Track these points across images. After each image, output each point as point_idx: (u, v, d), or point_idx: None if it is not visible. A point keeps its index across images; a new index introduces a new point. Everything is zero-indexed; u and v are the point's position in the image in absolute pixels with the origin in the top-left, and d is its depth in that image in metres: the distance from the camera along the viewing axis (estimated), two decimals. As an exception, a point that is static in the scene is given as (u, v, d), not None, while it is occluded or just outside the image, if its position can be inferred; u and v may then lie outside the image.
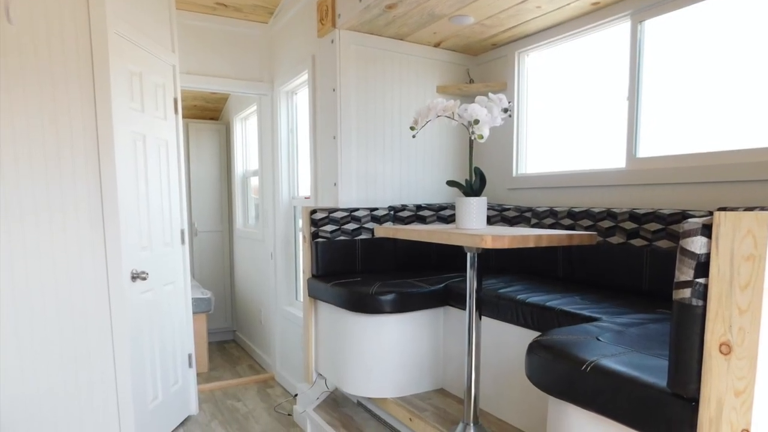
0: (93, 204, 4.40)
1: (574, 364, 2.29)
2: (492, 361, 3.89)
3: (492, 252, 5.01)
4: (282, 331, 6.91)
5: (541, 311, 3.39)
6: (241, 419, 5.84)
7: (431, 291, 4.29)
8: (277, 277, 6.90)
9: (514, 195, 5.23)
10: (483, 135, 3.32)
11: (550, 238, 3.04)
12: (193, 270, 9.09)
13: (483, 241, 2.86)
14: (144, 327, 4.98)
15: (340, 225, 4.91)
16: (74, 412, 4.48)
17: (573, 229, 4.23)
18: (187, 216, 7.41)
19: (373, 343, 4.27)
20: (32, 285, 4.25)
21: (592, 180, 4.39)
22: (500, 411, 3.87)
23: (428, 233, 3.31)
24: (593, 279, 4.08)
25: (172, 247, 5.53)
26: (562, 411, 2.40)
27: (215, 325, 9.29)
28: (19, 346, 4.25)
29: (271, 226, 6.95)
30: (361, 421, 4.50)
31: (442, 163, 5.57)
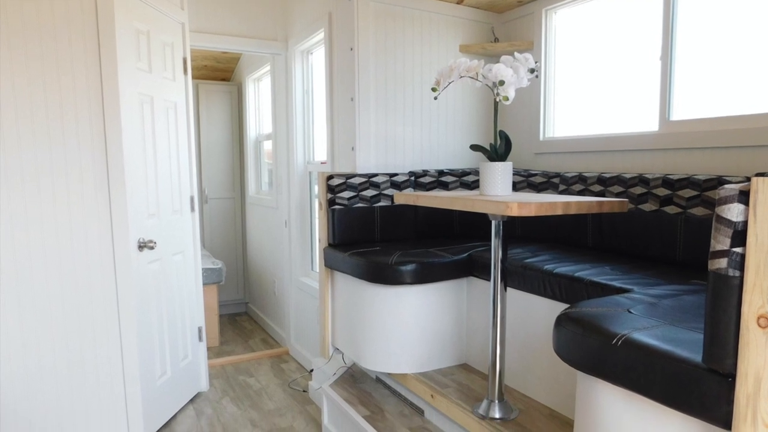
0: (98, 169, 4.42)
1: (604, 338, 2.29)
2: (518, 335, 3.90)
3: (518, 220, 5.01)
4: (297, 303, 6.94)
5: (569, 282, 3.39)
6: (254, 396, 5.88)
7: (454, 261, 4.30)
8: (291, 246, 6.92)
9: (541, 160, 5.22)
10: (508, 97, 3.31)
11: (579, 205, 3.04)
12: (203, 239, 9.13)
13: (508, 208, 2.86)
14: (151, 299, 5.00)
15: (357, 191, 4.92)
16: (78, 388, 4.52)
17: (603, 195, 4.22)
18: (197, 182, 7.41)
19: (392, 316, 4.28)
20: (34, 255, 4.28)
21: (623, 144, 4.37)
22: (526, 387, 3.88)
23: (450, 200, 3.31)
24: (624, 248, 4.07)
25: (181, 214, 5.55)
26: (591, 387, 2.41)
27: (226, 297, 9.33)
28: (20, 319, 4.28)
29: (285, 192, 6.97)
30: (380, 398, 4.52)
31: (466, 127, 5.56)
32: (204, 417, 5.35)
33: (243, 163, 9.24)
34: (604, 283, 3.20)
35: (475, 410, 3.61)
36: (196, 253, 5.81)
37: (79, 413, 4.55)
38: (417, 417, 4.19)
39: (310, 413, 5.41)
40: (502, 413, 3.52)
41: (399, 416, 4.22)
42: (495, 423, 3.45)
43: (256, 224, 8.54)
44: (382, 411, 4.30)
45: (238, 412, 5.47)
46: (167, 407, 5.27)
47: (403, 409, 4.33)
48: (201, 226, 9.04)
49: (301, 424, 5.16)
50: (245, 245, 9.35)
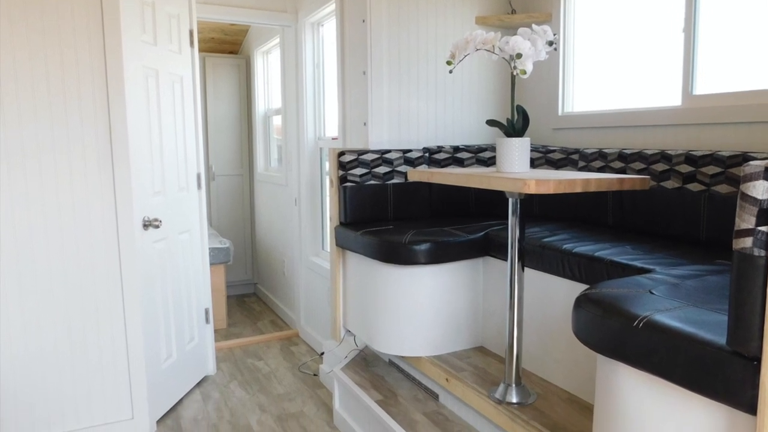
0: (101, 145, 4.43)
1: (625, 319, 2.29)
2: (536, 317, 3.91)
3: (536, 198, 5.01)
4: (307, 284, 6.96)
5: (589, 262, 3.39)
6: (263, 379, 5.91)
7: (470, 240, 4.30)
8: (301, 225, 6.93)
9: (559, 135, 5.21)
10: (526, 70, 3.30)
11: (599, 183, 3.03)
12: (210, 217, 9.16)
13: (526, 185, 2.86)
14: (157, 279, 5.01)
15: (370, 168, 4.92)
16: (81, 371, 4.55)
17: (624, 172, 4.21)
18: (204, 158, 7.42)
19: (406, 297, 4.29)
20: (35, 234, 4.29)
21: (644, 119, 4.36)
22: (544, 371, 3.89)
23: (466, 177, 3.31)
24: (646, 227, 4.07)
25: (187, 192, 5.56)
26: (612, 371, 2.42)
27: (234, 278, 9.37)
28: (21, 300, 4.30)
29: (295, 169, 6.98)
30: (393, 382, 4.54)
31: (482, 101, 5.55)
32: (211, 401, 5.38)
33: (251, 139, 9.25)
34: (624, 263, 3.20)
35: (491, 394, 3.62)
36: (202, 232, 5.82)
37: (81, 397, 4.58)
38: (431, 401, 4.21)
39: (321, 397, 5.43)
40: (519, 397, 3.53)
41: (413, 401, 4.23)
42: (512, 408, 3.46)
43: (265, 202, 8.56)
44: (396, 395, 4.32)
45: (246, 396, 5.49)
46: (173, 391, 5.29)
47: (417, 393, 4.35)
48: (208, 204, 9.07)
49: (311, 408, 5.19)
50: (254, 224, 9.37)
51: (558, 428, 3.22)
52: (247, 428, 4.85)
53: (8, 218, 4.22)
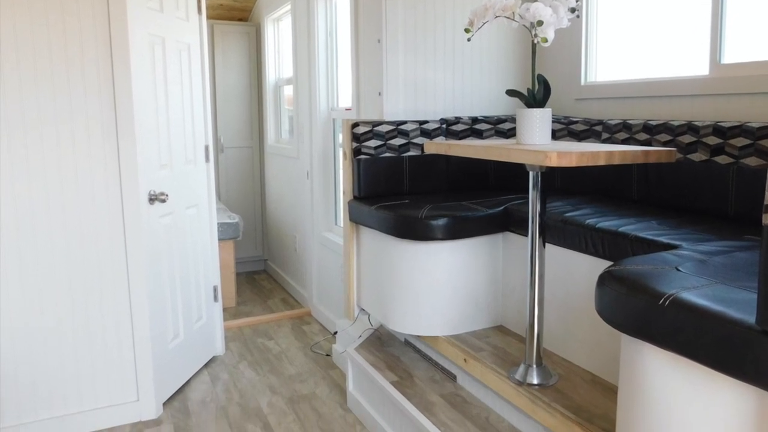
0: (105, 116, 4.43)
1: (650, 297, 2.29)
2: (557, 295, 3.92)
3: (557, 171, 5.01)
4: (319, 261, 6.98)
5: (613, 238, 3.39)
6: (273, 360, 5.93)
7: (489, 215, 4.30)
8: (313, 199, 6.94)
9: (582, 106, 5.20)
10: (547, 38, 3.30)
11: (623, 155, 3.03)
12: (218, 191, 9.16)
13: (547, 158, 2.86)
14: (163, 256, 5.02)
15: (385, 140, 4.92)
16: (84, 351, 4.57)
17: (649, 144, 4.20)
18: (212, 130, 7.38)
19: (422, 274, 4.30)
20: (37, 209, 4.31)
21: (670, 89, 4.34)
22: (566, 351, 3.90)
23: (485, 149, 3.31)
24: (672, 201, 4.06)
25: (195, 165, 5.57)
26: (636, 351, 2.42)
27: (244, 254, 9.39)
28: (22, 278, 4.32)
29: (307, 141, 6.98)
30: (409, 363, 4.56)
31: (501, 71, 5.54)
32: (220, 383, 5.41)
33: (261, 109, 9.25)
34: (650, 238, 3.20)
35: (511, 375, 3.63)
36: (211, 206, 5.82)
37: (84, 378, 4.60)
38: (449, 383, 4.23)
39: (334, 379, 5.45)
40: (540, 379, 3.54)
41: (429, 382, 4.25)
42: (533, 389, 3.47)
43: (276, 175, 8.57)
44: (411, 376, 4.33)
45: (256, 377, 5.52)
46: (180, 372, 5.31)
47: (433, 374, 4.36)
48: (216, 178, 9.07)
49: (324, 390, 5.21)
50: (264, 198, 9.39)
51: (581, 410, 3.23)
52: (257, 411, 4.88)
53: (8, 192, 4.23)
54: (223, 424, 4.69)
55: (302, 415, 4.78)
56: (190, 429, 4.65)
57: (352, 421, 4.72)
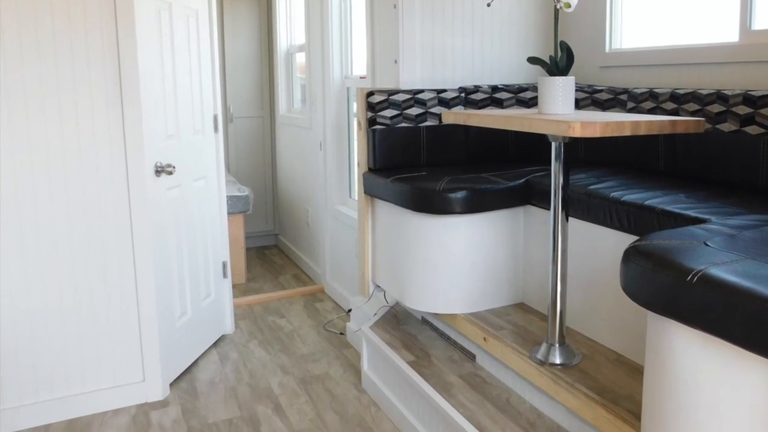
0: (109, 85, 4.44)
1: (678, 273, 2.29)
2: (581, 271, 3.92)
3: (581, 142, 5.00)
4: (333, 235, 6.99)
5: (638, 211, 3.39)
6: (285, 339, 5.95)
7: (509, 187, 4.30)
8: (327, 171, 6.94)
9: (606, 74, 5.18)
10: (570, 3, 3.28)
11: (649, 125, 3.02)
12: (227, 163, 9.18)
13: (570, 128, 2.85)
14: (170, 230, 5.03)
15: (401, 109, 4.92)
16: (87, 330, 4.59)
17: (676, 114, 4.18)
18: (221, 99, 7.36)
19: (440, 250, 4.31)
20: (38, 182, 4.32)
21: (699, 56, 4.33)
22: (590, 329, 3.90)
23: (506, 119, 3.30)
24: (700, 173, 4.05)
25: (203, 135, 5.57)
26: (663, 329, 2.42)
27: (254, 228, 9.41)
28: (23, 254, 4.34)
29: (320, 111, 6.98)
30: (426, 341, 4.57)
31: (522, 37, 5.52)
32: (229, 362, 5.43)
33: (272, 78, 9.24)
34: (677, 212, 3.19)
35: (533, 355, 3.64)
36: (219, 178, 5.84)
37: (88, 358, 4.63)
38: (468, 362, 4.24)
39: (348, 358, 5.48)
40: (563, 358, 3.55)
41: (447, 362, 4.26)
42: (555, 369, 3.48)
43: (288, 146, 8.57)
44: (429, 356, 4.35)
45: (266, 357, 5.54)
46: (188, 351, 5.33)
47: (452, 353, 4.38)
48: (225, 149, 9.08)
49: (337, 370, 5.24)
50: (275, 170, 9.40)
51: (605, 391, 3.24)
52: (268, 391, 4.90)
53: (8, 164, 4.24)
54: (232, 406, 4.72)
55: (315, 396, 4.81)
56: (198, 410, 4.68)
57: (367, 402, 4.74)
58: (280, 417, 4.54)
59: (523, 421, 3.54)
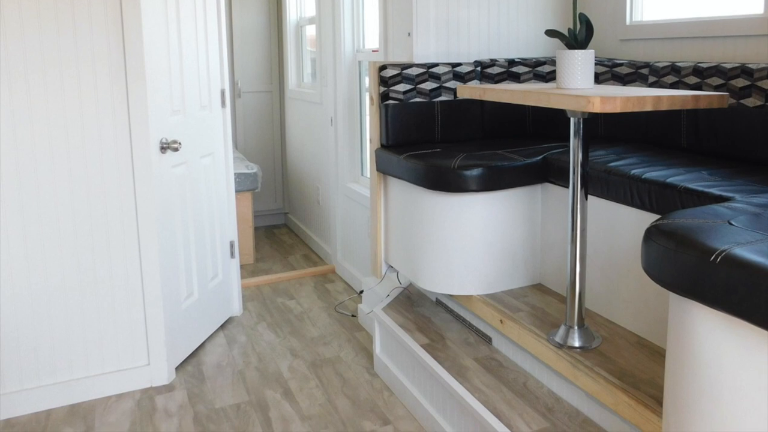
0: (113, 58, 4.44)
1: (700, 254, 2.28)
2: (601, 251, 3.92)
3: (600, 117, 4.99)
4: (344, 214, 7.00)
5: (660, 189, 3.38)
6: (295, 321, 5.96)
7: (526, 165, 4.29)
8: (338, 147, 6.94)
9: (627, 47, 5.16)
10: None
11: (671, 100, 3.01)
12: (235, 139, 9.20)
13: (590, 103, 2.85)
14: (176, 208, 5.03)
15: (415, 84, 4.91)
16: (90, 312, 4.60)
17: (699, 88, 4.17)
18: (229, 73, 7.32)
19: (455, 229, 4.31)
20: (40, 158, 4.32)
21: (723, 29, 4.31)
22: (610, 311, 3.91)
23: (523, 94, 3.30)
24: (724, 150, 4.04)
25: (210, 111, 5.57)
26: (686, 311, 2.42)
27: (263, 207, 9.42)
28: (24, 232, 4.34)
29: (331, 85, 6.97)
30: (441, 324, 4.57)
31: (540, 9, 5.50)
32: (236, 346, 5.45)
33: (282, 51, 9.23)
34: (700, 190, 3.19)
35: (550, 338, 3.65)
36: (227, 155, 5.84)
37: (91, 341, 4.64)
38: (483, 345, 4.25)
39: (360, 341, 5.49)
40: (582, 341, 3.56)
41: (463, 345, 4.27)
42: (574, 352, 3.49)
43: (297, 122, 8.57)
44: (443, 339, 4.35)
45: (276, 340, 5.56)
46: (194, 334, 5.34)
47: (467, 336, 4.38)
48: (233, 125, 9.09)
49: (349, 353, 5.25)
50: (284, 146, 9.41)
51: (625, 375, 3.25)
52: (277, 375, 4.92)
53: (9, 139, 4.24)
54: (240, 390, 4.74)
55: (325, 381, 4.83)
56: (204, 395, 4.70)
57: (380, 386, 4.75)
58: (289, 402, 4.56)
59: (540, 406, 3.55)
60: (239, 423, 4.33)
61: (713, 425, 2.27)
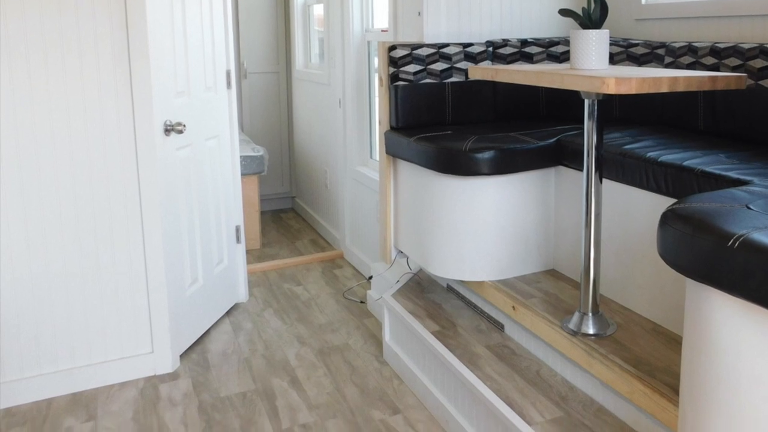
0: (116, 39, 4.43)
1: (718, 238, 2.28)
2: (615, 236, 3.92)
3: (615, 99, 4.98)
4: (353, 198, 7.01)
5: (677, 172, 3.38)
6: (302, 307, 5.98)
7: (539, 147, 4.29)
8: (346, 129, 6.95)
9: (643, 27, 5.15)
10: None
11: (688, 81, 3.01)
12: (241, 121, 9.19)
13: (604, 84, 2.85)
14: (180, 192, 5.04)
15: (425, 65, 4.91)
16: (93, 298, 4.61)
17: (717, 69, 4.17)
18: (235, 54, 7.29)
19: (466, 213, 4.31)
20: (41, 141, 4.32)
21: (741, 8, 4.29)
22: (625, 297, 3.91)
23: (536, 75, 3.30)
24: (742, 132, 4.03)
25: (215, 92, 5.57)
26: (702, 297, 2.42)
27: (269, 191, 9.43)
28: (24, 217, 4.35)
29: (339, 66, 6.97)
30: (452, 310, 4.58)
31: (556, -14, 5.49)
32: (242, 333, 5.46)
33: (289, 31, 9.23)
34: (718, 173, 3.19)
35: (564, 325, 3.65)
36: (233, 137, 5.84)
37: (93, 328, 4.64)
38: (495, 333, 4.25)
39: (369, 328, 5.50)
40: (596, 328, 3.56)
41: (474, 332, 4.27)
42: (588, 340, 3.49)
43: (305, 104, 8.57)
44: (454, 326, 4.36)
45: (282, 327, 5.57)
46: (199, 321, 5.35)
47: (479, 323, 4.39)
48: (239, 106, 9.08)
49: (357, 341, 5.27)
50: (291, 129, 9.41)
51: (641, 363, 3.25)
52: (284, 363, 4.93)
53: (9, 121, 4.24)
54: (246, 378, 4.75)
55: (333, 369, 4.84)
56: (209, 383, 4.71)
57: (389, 374, 4.76)
58: (296, 390, 4.57)
59: (554, 395, 3.56)
60: (245, 412, 4.35)
61: (731, 414, 2.28)
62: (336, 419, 4.24)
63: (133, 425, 4.27)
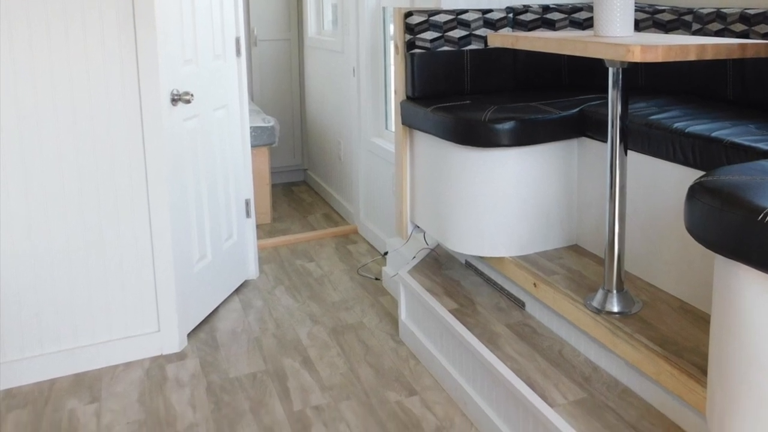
0: (121, 4, 4.42)
1: (748, 212, 2.28)
2: (641, 210, 3.92)
3: (641, 67, 4.97)
4: (367, 170, 7.01)
5: (705, 144, 3.38)
6: (314, 285, 5.99)
7: (562, 117, 4.29)
8: (361, 99, 6.94)
9: (674, -10, 5.13)
10: None
11: (716, 49, 3.01)
12: (251, 91, 9.18)
13: (629, 52, 2.84)
14: (188, 165, 5.04)
15: (443, 32, 4.90)
16: (97, 274, 4.62)
17: (747, 36, 4.16)
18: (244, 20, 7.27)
19: (486, 186, 4.31)
20: (42, 112, 4.32)
21: (778, -30, 4.29)
22: (651, 274, 3.91)
23: (558, 42, 3.30)
24: (775, 102, 4.03)
25: (224, 60, 5.57)
26: (732, 274, 2.42)
27: (281, 163, 9.43)
28: (26, 191, 4.36)
29: (353, 33, 6.96)
30: (471, 287, 4.59)
31: (580, -52, 5.48)
32: (252, 311, 5.48)
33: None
34: (747, 144, 3.18)
35: (588, 302, 3.66)
36: (242, 107, 5.85)
37: (97, 306, 4.66)
38: (516, 311, 4.26)
39: (384, 306, 5.51)
40: (621, 306, 3.57)
41: (494, 310, 4.28)
42: (613, 318, 3.50)
43: (317, 72, 8.57)
44: (473, 303, 4.37)
45: (294, 304, 5.58)
46: (207, 299, 5.37)
47: (498, 301, 4.40)
48: (249, 75, 9.05)
49: (372, 319, 5.28)
50: (303, 98, 9.41)
51: (667, 342, 3.26)
52: (296, 342, 4.95)
53: (10, 93, 4.24)
54: (256, 358, 4.77)
55: (347, 348, 4.86)
56: (218, 364, 4.73)
57: (405, 354, 4.78)
58: (308, 371, 4.59)
59: (577, 376, 3.57)
60: (255, 393, 4.37)
61: (762, 395, 2.28)
62: (350, 401, 4.26)
63: (138, 407, 4.28)
